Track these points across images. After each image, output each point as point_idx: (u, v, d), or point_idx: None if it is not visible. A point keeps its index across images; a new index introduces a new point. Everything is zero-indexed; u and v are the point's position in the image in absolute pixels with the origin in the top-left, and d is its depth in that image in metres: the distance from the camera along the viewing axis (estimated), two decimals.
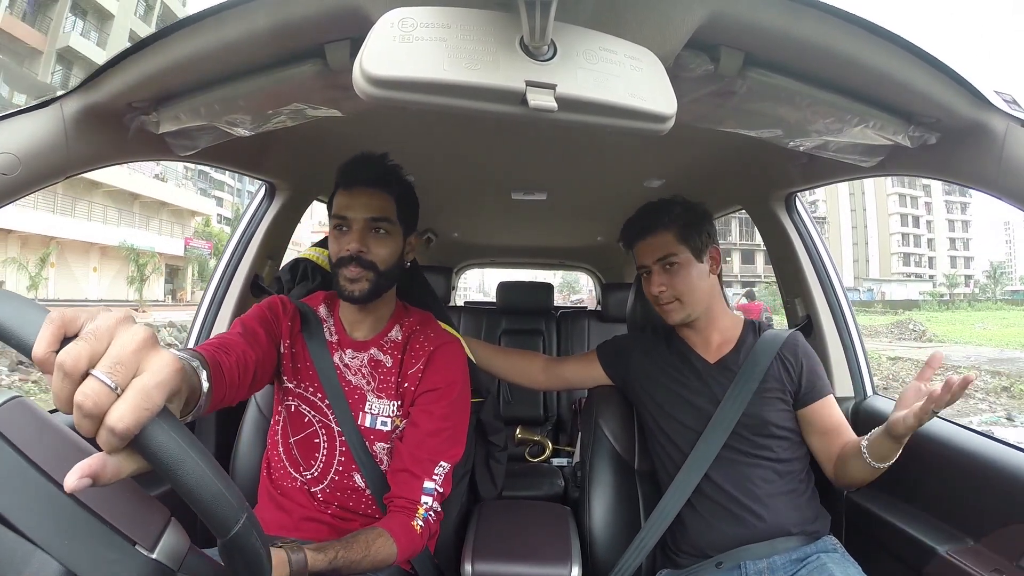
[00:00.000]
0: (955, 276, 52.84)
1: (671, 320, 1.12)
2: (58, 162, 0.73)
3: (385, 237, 0.95)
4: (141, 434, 0.36)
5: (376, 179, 0.96)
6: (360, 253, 0.93)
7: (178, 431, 0.39)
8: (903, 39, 0.65)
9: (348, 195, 0.95)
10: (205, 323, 1.40)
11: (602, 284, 3.50)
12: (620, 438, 1.21)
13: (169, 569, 0.43)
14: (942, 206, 54.61)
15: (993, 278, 51.63)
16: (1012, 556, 0.83)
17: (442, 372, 0.98)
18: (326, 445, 0.96)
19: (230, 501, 0.41)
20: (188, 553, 0.45)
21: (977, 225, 57.91)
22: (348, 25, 0.64)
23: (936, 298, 42.61)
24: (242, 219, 1.48)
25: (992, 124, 0.70)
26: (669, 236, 1.11)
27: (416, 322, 1.03)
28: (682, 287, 1.09)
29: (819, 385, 1.07)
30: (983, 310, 35.51)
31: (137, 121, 0.79)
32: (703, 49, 0.69)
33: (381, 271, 0.94)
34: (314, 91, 0.75)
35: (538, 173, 1.74)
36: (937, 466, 1.01)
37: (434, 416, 0.95)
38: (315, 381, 0.96)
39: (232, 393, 0.80)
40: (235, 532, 0.42)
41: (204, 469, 0.40)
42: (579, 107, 0.54)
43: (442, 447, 0.94)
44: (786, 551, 0.96)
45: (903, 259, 54.38)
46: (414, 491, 0.90)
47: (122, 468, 0.36)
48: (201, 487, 0.39)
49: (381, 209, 0.95)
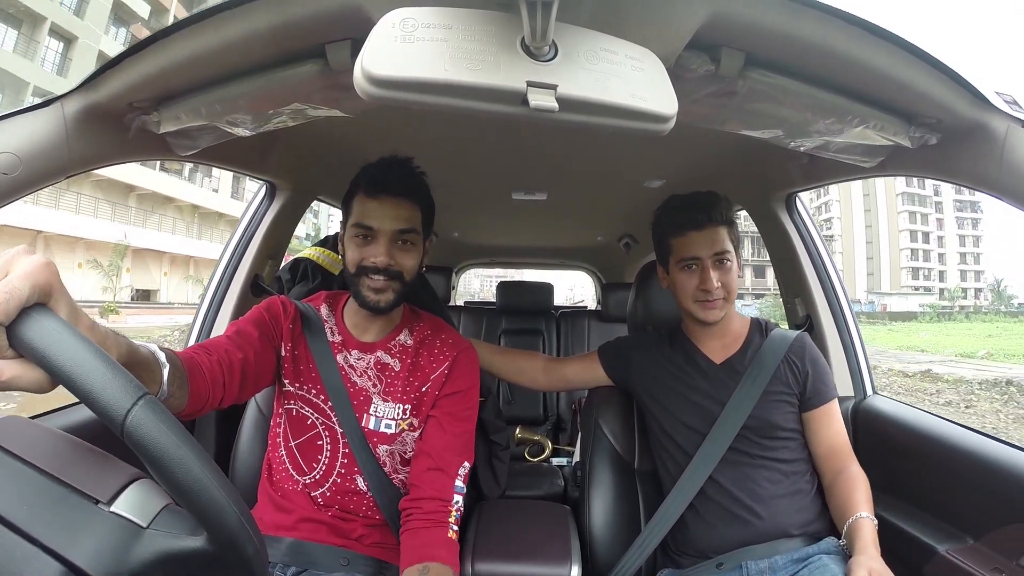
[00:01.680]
0: (957, 289, 54.61)
1: (712, 318, 1.08)
2: (59, 162, 0.73)
3: (411, 248, 0.94)
4: (17, 327, 0.39)
5: (405, 189, 0.93)
6: (389, 266, 0.91)
7: (54, 321, 0.40)
8: (903, 39, 0.65)
9: (374, 202, 0.92)
10: (205, 323, 1.40)
11: (602, 284, 3.50)
12: (620, 438, 1.21)
13: (135, 524, 0.43)
14: (953, 222, 56.33)
15: (997, 292, 53.13)
16: (1012, 555, 0.83)
17: (466, 376, 1.00)
18: (329, 448, 0.96)
19: (122, 384, 0.40)
20: (163, 511, 0.45)
21: (990, 238, 59.49)
22: (349, 25, 0.64)
23: (936, 310, 43.68)
24: (242, 219, 1.48)
25: (993, 125, 0.70)
26: (724, 231, 1.07)
27: (428, 327, 1.03)
28: (731, 286, 1.07)
29: (824, 391, 1.06)
30: (978, 322, 36.67)
31: (138, 121, 0.79)
32: (704, 49, 0.69)
33: (407, 281, 0.94)
34: (315, 91, 0.75)
35: (538, 173, 1.74)
36: (937, 466, 1.01)
37: (459, 418, 0.97)
38: (318, 383, 0.96)
39: (218, 392, 0.80)
40: (129, 416, 0.40)
41: (86, 354, 0.39)
42: (580, 107, 0.54)
43: (465, 448, 0.96)
44: (787, 551, 0.96)
45: (912, 273, 56.19)
46: (447, 489, 0.91)
47: (17, 374, 0.39)
48: (84, 375, 0.39)
49: (409, 220, 0.93)
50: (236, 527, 0.43)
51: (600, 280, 3.71)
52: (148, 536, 0.43)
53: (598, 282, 3.78)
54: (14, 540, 0.40)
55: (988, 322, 35.78)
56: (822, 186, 1.33)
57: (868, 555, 0.85)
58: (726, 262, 1.06)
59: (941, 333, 26.19)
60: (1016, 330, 28.59)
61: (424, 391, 0.97)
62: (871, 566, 0.82)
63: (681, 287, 1.10)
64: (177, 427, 0.42)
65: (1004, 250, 63.24)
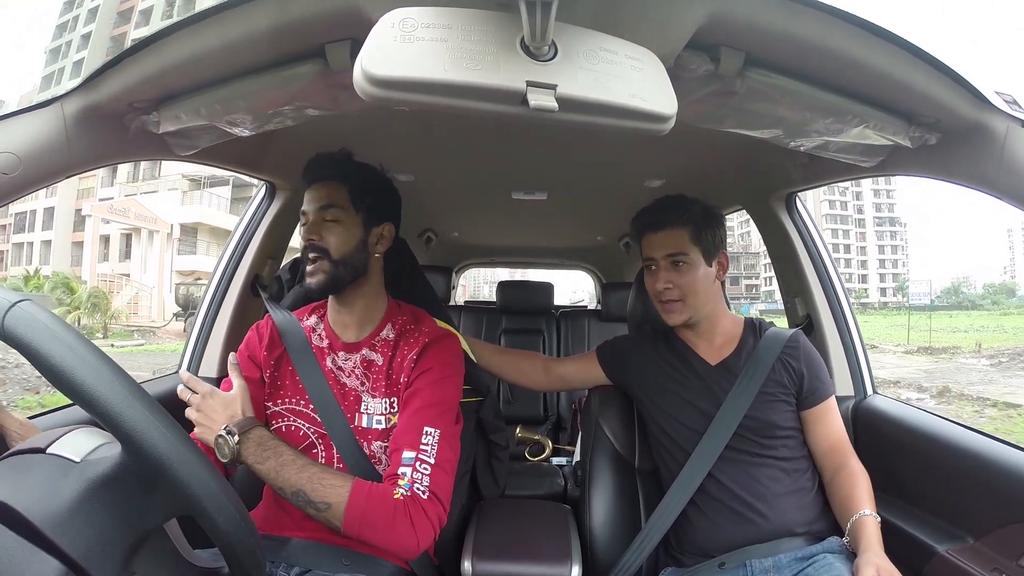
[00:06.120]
0: (861, 291, 64.06)
1: (671, 321, 1.11)
2: (58, 162, 0.73)
3: (335, 224, 0.96)
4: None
5: (326, 171, 0.98)
6: (311, 240, 0.95)
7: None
8: (903, 39, 0.65)
9: (307, 192, 0.99)
10: (205, 323, 1.40)
11: (602, 284, 3.49)
12: (620, 437, 1.21)
13: (69, 460, 0.48)
14: (874, 235, 66.18)
15: (902, 291, 62.59)
16: (1012, 555, 0.83)
17: (436, 357, 0.97)
18: (324, 454, 0.96)
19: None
20: (98, 448, 0.49)
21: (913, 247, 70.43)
22: (349, 26, 0.64)
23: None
24: (242, 219, 1.49)
25: (993, 124, 0.70)
26: (683, 233, 1.09)
27: (409, 320, 1.03)
28: (688, 288, 1.08)
29: (820, 389, 1.06)
30: (877, 315, 44.44)
31: (138, 121, 0.79)
32: (703, 49, 0.69)
33: (335, 259, 0.95)
34: (315, 91, 0.75)
35: (538, 173, 1.74)
36: (937, 466, 1.01)
37: (423, 393, 0.93)
38: (304, 394, 0.97)
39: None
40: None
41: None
42: (580, 107, 0.54)
43: (430, 418, 0.90)
44: (791, 550, 0.96)
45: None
46: (395, 464, 0.87)
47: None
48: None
49: (329, 196, 0.96)
50: (143, 423, 0.46)
51: (600, 280, 3.70)
52: (80, 468, 0.47)
53: (598, 282, 3.77)
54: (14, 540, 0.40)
55: (884, 316, 41.32)
56: (822, 186, 1.33)
57: (874, 552, 0.85)
58: (680, 264, 1.08)
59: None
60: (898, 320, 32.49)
61: (401, 381, 0.97)
62: (878, 563, 0.82)
63: (648, 288, 1.14)
64: (60, 324, 0.46)
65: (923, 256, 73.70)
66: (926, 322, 25.86)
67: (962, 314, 47.59)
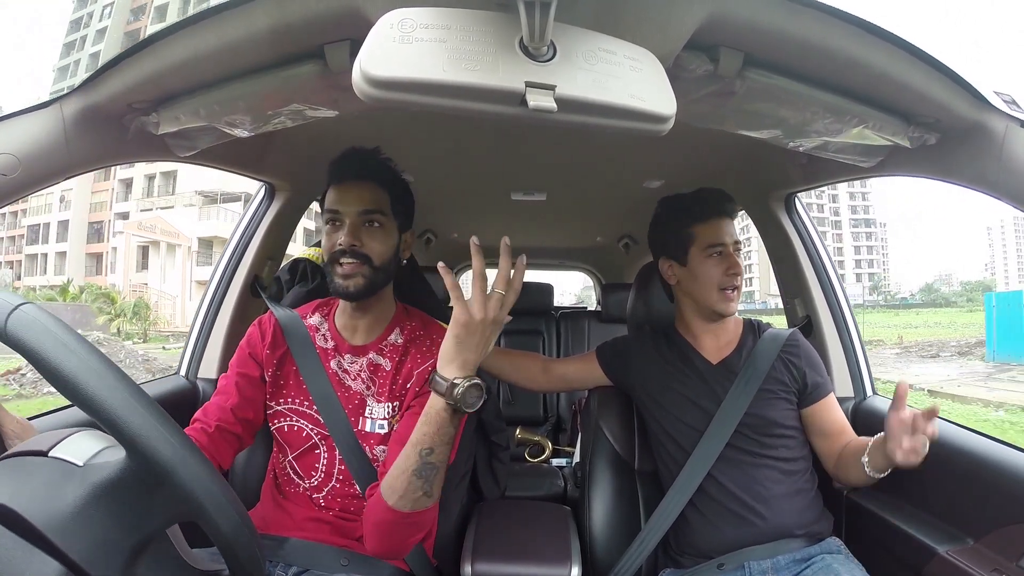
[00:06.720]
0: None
1: (731, 309, 1.09)
2: (58, 162, 0.73)
3: (379, 230, 0.94)
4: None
5: (368, 172, 0.95)
6: (353, 246, 0.91)
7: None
8: (902, 39, 0.65)
9: (340, 189, 0.94)
10: (204, 323, 1.40)
11: (602, 284, 3.49)
12: (620, 438, 1.21)
13: (72, 464, 0.47)
14: (850, 236, 70.91)
15: (878, 289, 69.70)
16: (1012, 556, 0.83)
17: None
18: (326, 456, 0.95)
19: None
20: (101, 451, 0.48)
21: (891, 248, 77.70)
22: (347, 26, 0.64)
23: None
24: (242, 219, 1.48)
25: (992, 124, 0.70)
26: (735, 224, 1.11)
27: (419, 326, 1.02)
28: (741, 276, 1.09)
29: (821, 385, 1.07)
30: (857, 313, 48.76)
31: (137, 122, 0.79)
32: (703, 49, 0.69)
33: (376, 266, 0.93)
34: (314, 92, 0.75)
35: (538, 174, 1.74)
36: (937, 466, 1.00)
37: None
38: (308, 395, 0.96)
39: (231, 452, 0.94)
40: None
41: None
42: (579, 108, 0.54)
43: None
44: (789, 552, 0.96)
45: None
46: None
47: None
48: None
49: (374, 202, 0.93)
50: (147, 428, 0.45)
51: (600, 280, 3.70)
52: (83, 472, 0.47)
53: (598, 282, 3.77)
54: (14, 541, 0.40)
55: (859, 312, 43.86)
56: (821, 186, 1.33)
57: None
58: (740, 252, 1.09)
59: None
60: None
61: (407, 387, 0.96)
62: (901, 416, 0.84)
63: (706, 276, 1.08)
64: (63, 327, 0.46)
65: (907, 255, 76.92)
66: (886, 319, 27.03)
67: (937, 311, 48.66)
